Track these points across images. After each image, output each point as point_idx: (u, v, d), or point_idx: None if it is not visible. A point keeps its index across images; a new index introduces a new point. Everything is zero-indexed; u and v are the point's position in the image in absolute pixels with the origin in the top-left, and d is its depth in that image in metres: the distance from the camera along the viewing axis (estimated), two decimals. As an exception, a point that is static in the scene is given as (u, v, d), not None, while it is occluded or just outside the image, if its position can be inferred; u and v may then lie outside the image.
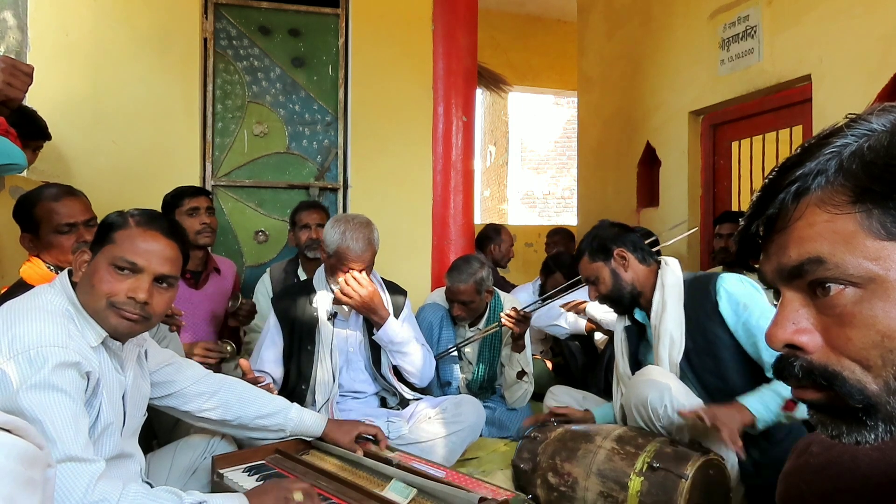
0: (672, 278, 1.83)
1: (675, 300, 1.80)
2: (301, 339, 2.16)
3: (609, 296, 1.92)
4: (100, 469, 1.09)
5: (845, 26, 2.78)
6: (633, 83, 4.43)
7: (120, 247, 1.24)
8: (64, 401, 1.09)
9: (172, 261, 1.30)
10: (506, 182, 12.99)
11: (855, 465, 0.82)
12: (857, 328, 0.52)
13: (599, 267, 1.92)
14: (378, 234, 2.16)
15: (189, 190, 2.53)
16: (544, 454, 1.72)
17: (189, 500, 1.13)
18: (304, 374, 2.13)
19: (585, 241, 1.98)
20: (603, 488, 1.52)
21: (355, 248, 2.05)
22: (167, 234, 1.30)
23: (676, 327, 1.77)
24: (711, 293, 1.75)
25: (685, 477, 1.40)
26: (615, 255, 1.90)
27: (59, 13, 3.05)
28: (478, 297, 2.47)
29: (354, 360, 2.22)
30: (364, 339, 2.22)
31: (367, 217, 2.17)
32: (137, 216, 1.30)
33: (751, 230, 0.60)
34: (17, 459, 0.59)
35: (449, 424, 2.03)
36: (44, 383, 1.08)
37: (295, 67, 3.49)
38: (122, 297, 1.22)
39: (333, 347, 2.14)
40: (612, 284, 1.90)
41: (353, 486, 1.39)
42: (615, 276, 1.90)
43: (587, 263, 1.95)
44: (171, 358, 1.54)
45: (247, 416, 1.59)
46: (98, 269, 1.24)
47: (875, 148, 0.52)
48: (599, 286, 1.92)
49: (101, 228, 1.30)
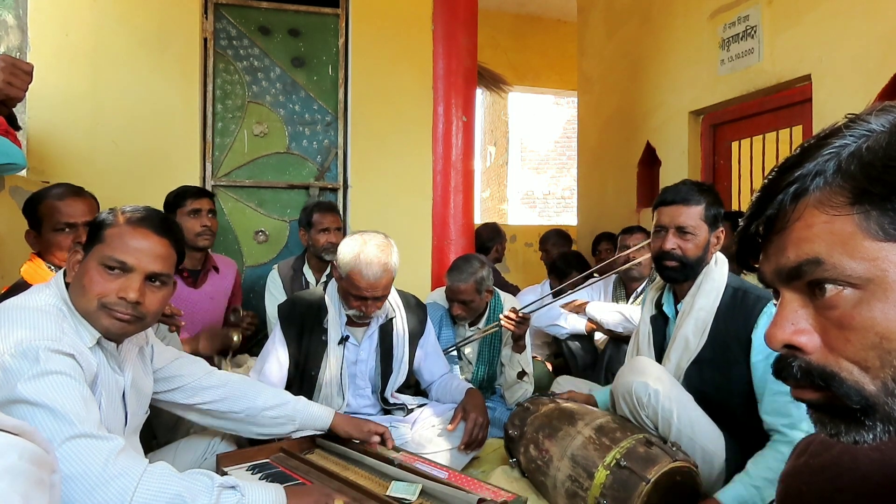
0: (711, 284, 1.73)
1: (706, 307, 1.71)
2: (306, 361, 2.02)
3: (690, 258, 1.73)
4: (119, 445, 1.05)
5: (845, 26, 2.78)
6: (633, 83, 4.43)
7: (109, 246, 1.21)
8: (68, 382, 1.07)
9: (164, 258, 1.26)
10: (506, 182, 12.99)
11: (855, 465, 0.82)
12: (855, 329, 0.52)
13: (704, 226, 1.74)
14: (397, 257, 1.99)
15: (192, 190, 2.53)
16: (531, 426, 1.80)
17: (220, 482, 1.10)
18: (305, 395, 1.97)
19: (700, 193, 1.75)
20: (572, 472, 1.56)
21: (368, 275, 1.87)
22: (158, 232, 1.26)
23: (694, 335, 1.71)
24: (752, 318, 1.64)
25: (647, 480, 1.42)
26: (718, 231, 1.76)
27: (59, 13, 3.05)
28: (478, 296, 2.47)
29: (361, 386, 2.09)
30: (376, 364, 2.08)
31: (385, 238, 2.01)
32: (128, 213, 1.26)
33: (750, 231, 0.60)
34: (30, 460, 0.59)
35: (454, 436, 1.95)
36: (44, 371, 1.05)
37: (295, 67, 3.49)
38: (113, 297, 1.19)
39: (343, 371, 2.01)
40: (701, 251, 1.73)
41: (355, 487, 1.39)
42: (706, 247, 1.74)
43: (698, 213, 1.73)
44: (177, 354, 1.53)
45: (255, 409, 1.56)
46: (88, 269, 1.21)
47: (873, 149, 0.52)
48: (688, 241, 1.73)
49: (92, 227, 1.27)
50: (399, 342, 2.13)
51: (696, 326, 1.72)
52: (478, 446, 1.97)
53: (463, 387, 2.10)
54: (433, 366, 2.25)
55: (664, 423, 1.63)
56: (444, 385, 2.18)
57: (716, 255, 1.79)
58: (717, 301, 1.72)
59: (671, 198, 1.77)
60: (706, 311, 1.72)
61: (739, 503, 1.47)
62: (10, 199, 2.48)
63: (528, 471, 1.77)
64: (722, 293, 1.73)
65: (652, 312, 1.93)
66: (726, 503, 1.47)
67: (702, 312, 1.72)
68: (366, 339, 2.09)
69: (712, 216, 1.75)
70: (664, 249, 1.75)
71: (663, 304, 1.88)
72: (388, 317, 2.12)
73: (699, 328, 1.71)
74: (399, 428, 1.98)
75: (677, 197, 1.75)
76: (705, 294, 1.73)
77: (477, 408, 1.97)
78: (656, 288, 1.95)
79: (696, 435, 1.62)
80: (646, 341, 1.92)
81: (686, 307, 1.76)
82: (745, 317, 1.66)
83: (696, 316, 1.72)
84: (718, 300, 1.72)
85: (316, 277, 2.89)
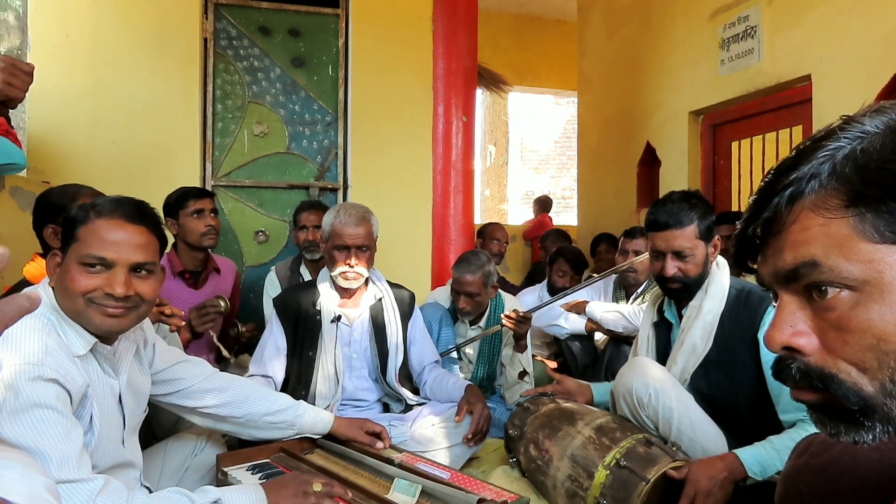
0: (716, 287, 1.72)
1: (712, 311, 1.70)
2: (303, 343, 2.08)
3: (693, 277, 1.70)
4: (97, 486, 1.03)
5: (845, 26, 2.78)
6: (633, 83, 4.43)
7: (85, 243, 1.15)
8: (50, 417, 1.03)
9: (144, 247, 1.19)
10: (506, 182, 13.00)
11: (855, 465, 0.82)
12: (852, 331, 0.52)
13: (700, 244, 1.70)
14: (377, 224, 2.13)
15: (194, 191, 2.52)
16: (531, 426, 1.80)
17: (202, 502, 1.09)
18: (304, 379, 2.07)
19: (691, 209, 1.70)
20: (572, 472, 1.56)
21: (349, 222, 2.03)
22: (133, 220, 1.19)
23: (702, 339, 1.71)
24: (757, 318, 1.63)
25: (646, 480, 1.42)
26: (714, 240, 1.73)
27: (59, 13, 3.06)
28: (484, 290, 2.48)
29: (358, 367, 2.13)
30: (371, 345, 2.14)
31: None
32: (98, 206, 1.18)
33: (748, 233, 0.60)
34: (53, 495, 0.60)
35: (453, 435, 1.96)
36: (24, 405, 1.01)
37: (295, 67, 3.49)
38: (100, 293, 1.14)
39: (337, 352, 2.08)
40: (702, 268, 1.70)
41: (356, 487, 1.39)
42: (706, 261, 1.71)
43: (692, 233, 1.69)
44: (179, 356, 1.51)
45: (256, 413, 1.56)
46: (69, 270, 1.14)
47: (868, 151, 0.52)
48: (688, 263, 1.69)
49: (65, 226, 1.19)
50: (391, 321, 2.17)
51: (703, 330, 1.71)
52: (482, 438, 2.00)
53: (461, 384, 2.11)
54: (421, 352, 2.26)
55: (664, 423, 1.63)
56: (439, 382, 2.19)
57: (717, 258, 1.79)
58: (723, 304, 1.72)
59: (664, 220, 1.72)
60: (713, 315, 1.72)
61: (757, 460, 1.46)
62: (10, 199, 2.49)
63: (528, 471, 1.78)
64: (726, 295, 1.73)
65: (654, 318, 1.93)
66: (743, 458, 1.47)
67: (709, 316, 1.72)
68: (357, 319, 2.14)
69: (706, 229, 1.72)
70: (666, 276, 1.73)
71: (665, 310, 1.88)
72: (377, 297, 2.18)
73: (706, 332, 1.71)
74: (398, 426, 1.98)
75: (670, 220, 1.71)
76: (711, 297, 1.73)
77: (481, 400, 2.02)
78: (658, 294, 1.94)
79: (697, 435, 1.62)
80: (648, 346, 1.92)
81: (692, 311, 1.75)
82: (749, 317, 1.66)
83: (704, 320, 1.72)
84: (723, 303, 1.72)
85: (313, 277, 2.89)
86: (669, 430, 1.62)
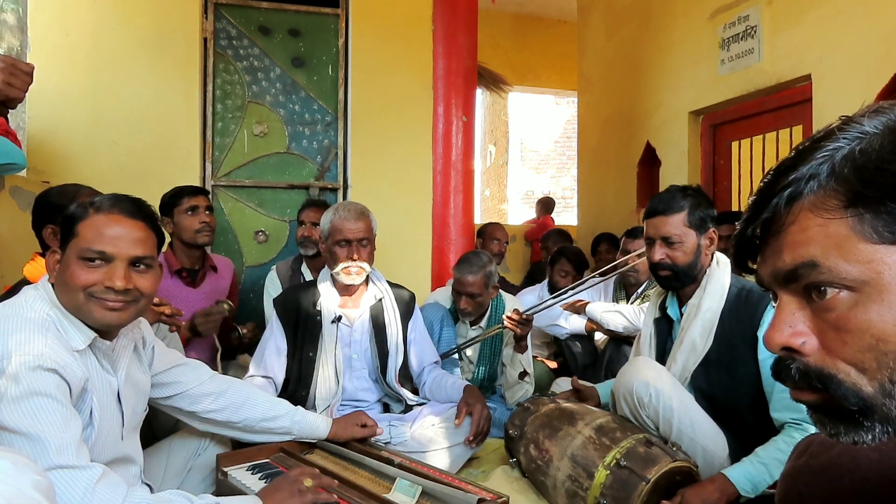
0: (716, 285, 1.73)
1: (712, 308, 1.71)
2: (303, 343, 2.08)
3: (681, 266, 1.73)
4: (96, 474, 1.05)
5: (845, 26, 2.78)
6: (633, 83, 4.43)
7: (85, 238, 1.17)
8: (48, 405, 1.05)
9: (143, 241, 1.22)
10: (506, 182, 12.99)
11: (855, 466, 0.82)
12: (851, 332, 0.52)
13: (690, 232, 1.73)
14: (376, 223, 2.14)
15: (188, 189, 2.53)
16: (532, 426, 1.81)
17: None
18: (304, 379, 2.07)
19: (683, 198, 1.74)
20: (572, 472, 1.57)
21: (348, 217, 2.04)
22: (132, 215, 1.22)
23: (701, 337, 1.71)
24: (757, 316, 1.64)
25: (646, 480, 1.42)
26: (709, 232, 1.75)
27: (59, 13, 3.06)
28: (485, 290, 2.48)
29: (358, 368, 2.13)
30: (371, 346, 2.14)
31: None
32: (97, 202, 1.22)
33: (747, 234, 0.60)
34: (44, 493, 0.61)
35: (453, 435, 1.96)
36: (24, 393, 1.03)
37: (295, 67, 3.49)
38: (100, 286, 1.15)
39: (337, 352, 2.07)
40: (692, 257, 1.73)
41: (356, 487, 1.39)
42: (698, 252, 1.74)
43: (681, 220, 1.72)
44: (178, 359, 1.52)
45: (253, 419, 1.58)
46: (69, 265, 1.16)
47: (866, 152, 0.52)
48: (677, 250, 1.73)
49: (64, 223, 1.21)
50: (391, 321, 2.17)
51: (703, 328, 1.71)
52: (483, 438, 2.01)
53: (459, 384, 2.11)
54: (421, 352, 2.26)
55: (665, 423, 1.63)
56: (438, 383, 2.19)
57: (718, 256, 1.79)
58: (723, 302, 1.72)
59: (654, 207, 1.78)
60: (712, 313, 1.72)
61: (746, 478, 1.47)
62: (10, 199, 2.49)
63: (529, 471, 1.78)
64: (726, 294, 1.73)
65: (656, 315, 1.93)
66: (733, 478, 1.48)
67: (708, 314, 1.72)
68: (358, 320, 2.14)
69: (698, 219, 1.73)
70: (653, 261, 1.77)
71: (667, 307, 1.88)
72: (377, 297, 2.18)
73: (706, 330, 1.71)
74: (398, 427, 1.98)
75: (659, 207, 1.76)
76: (710, 295, 1.73)
77: (479, 401, 2.02)
78: (660, 291, 1.94)
79: (697, 435, 1.62)
80: (648, 343, 1.92)
81: (692, 309, 1.76)
82: (750, 315, 1.66)
83: (703, 318, 1.72)
84: (723, 301, 1.72)
85: (314, 276, 2.89)
86: (670, 430, 1.62)
